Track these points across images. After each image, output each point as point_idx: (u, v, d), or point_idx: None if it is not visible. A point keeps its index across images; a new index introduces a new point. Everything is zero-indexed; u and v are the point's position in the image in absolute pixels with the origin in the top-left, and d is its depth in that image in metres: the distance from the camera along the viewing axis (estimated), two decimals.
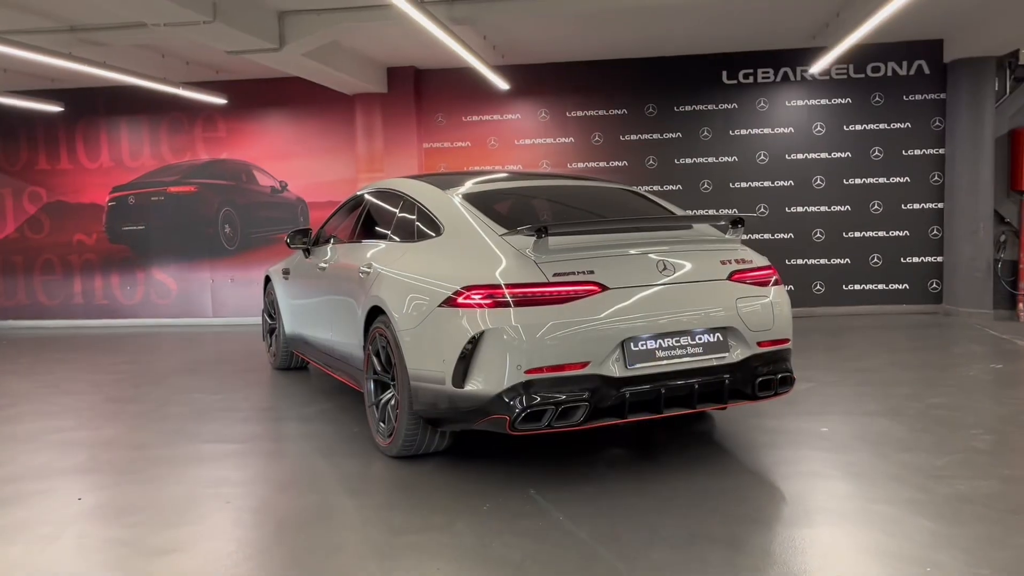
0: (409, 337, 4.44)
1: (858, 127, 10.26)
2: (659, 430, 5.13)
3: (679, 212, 5.18)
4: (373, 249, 5.39)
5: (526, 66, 10.56)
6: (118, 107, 11.36)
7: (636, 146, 10.59)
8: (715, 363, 4.24)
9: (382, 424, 4.83)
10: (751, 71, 10.31)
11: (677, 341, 4.18)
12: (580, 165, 10.69)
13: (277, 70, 9.74)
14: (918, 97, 10.14)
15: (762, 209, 10.40)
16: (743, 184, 10.47)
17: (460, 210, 4.70)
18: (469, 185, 5.13)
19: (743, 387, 4.34)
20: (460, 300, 4.09)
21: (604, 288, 4.08)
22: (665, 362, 4.13)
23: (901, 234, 10.33)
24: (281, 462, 4.80)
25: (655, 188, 10.55)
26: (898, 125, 10.20)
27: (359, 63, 9.69)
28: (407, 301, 4.53)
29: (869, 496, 3.91)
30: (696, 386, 4.18)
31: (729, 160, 10.47)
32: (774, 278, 4.61)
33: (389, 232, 5.34)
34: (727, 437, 4.99)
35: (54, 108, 10.87)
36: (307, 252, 6.70)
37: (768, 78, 10.31)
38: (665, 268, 4.25)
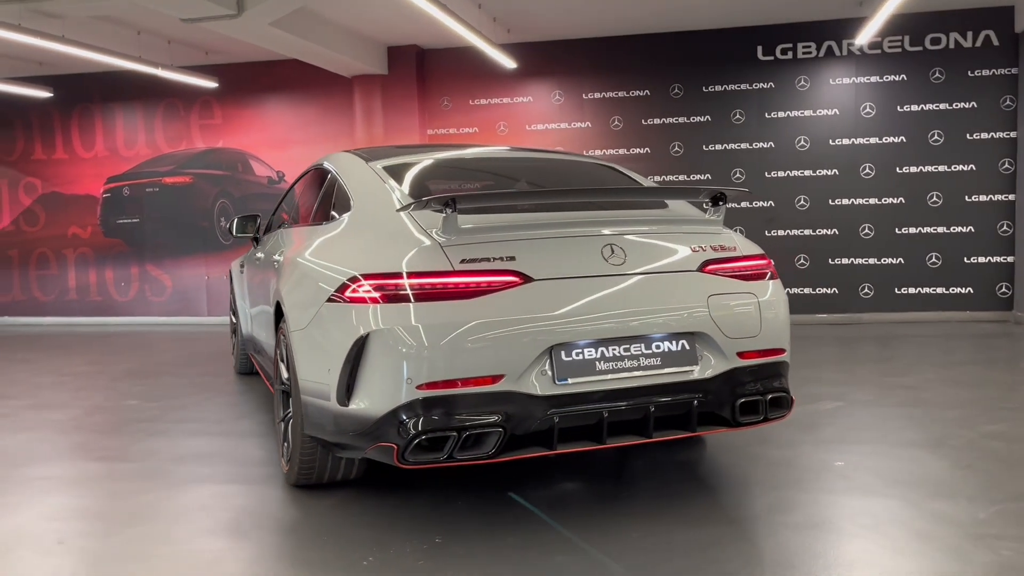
0: (299, 340, 3.55)
1: (914, 108, 9.01)
2: (635, 457, 4.13)
3: (646, 183, 4.14)
4: (289, 234, 4.55)
5: (536, 44, 9.61)
6: (112, 94, 10.81)
7: (660, 131, 9.53)
8: (678, 379, 3.23)
9: (284, 445, 3.95)
10: (790, 45, 9.16)
11: (626, 350, 3.18)
12: (597, 152, 9.68)
13: (270, 51, 9.01)
14: (985, 72, 8.86)
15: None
16: (780, 173, 9.32)
17: (373, 184, 3.79)
18: (403, 156, 4.22)
19: (719, 410, 3.33)
20: (348, 293, 3.17)
21: (527, 279, 3.12)
22: (609, 377, 3.14)
23: (964, 230, 9.04)
24: (164, 491, 3.95)
25: (681, 178, 9.48)
26: (961, 105, 8.92)
27: (352, 41, 8.89)
28: (300, 295, 3.65)
29: (881, 565, 2.85)
30: (652, 408, 3.19)
31: (765, 146, 9.33)
32: (768, 272, 3.57)
33: (312, 214, 4.48)
34: (717, 470, 3.97)
35: (42, 94, 10.36)
36: (256, 241, 5.91)
37: (809, 53, 9.14)
38: (614, 255, 3.26)
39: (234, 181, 10.53)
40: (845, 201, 9.23)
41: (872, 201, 9.18)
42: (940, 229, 9.08)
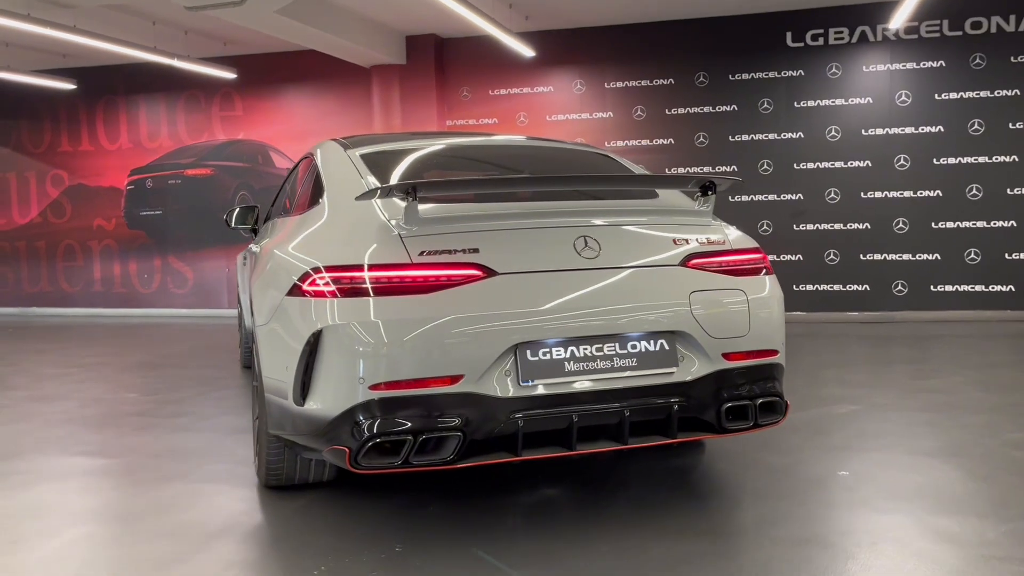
0: (262, 334, 3.40)
1: (953, 95, 8.57)
2: (629, 461, 3.90)
3: (636, 172, 3.89)
4: (274, 224, 4.42)
5: (556, 32, 9.36)
6: (136, 86, 10.84)
7: (684, 121, 9.22)
8: (656, 381, 2.99)
9: (256, 444, 3.81)
10: (821, 31, 8.78)
11: (598, 349, 2.96)
12: (619, 143, 9.40)
13: (287, 42, 8.91)
14: None
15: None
16: (810, 165, 8.95)
17: (347, 173, 3.60)
18: (385, 144, 4.03)
19: (702, 415, 3.08)
20: (307, 285, 3.00)
21: (490, 273, 2.91)
22: (579, 378, 2.92)
23: (1006, 225, 8.58)
24: (130, 488, 3.83)
25: (706, 169, 9.15)
26: (1004, 92, 8.45)
27: (370, 30, 8.74)
28: (265, 287, 3.50)
29: None
30: (627, 413, 2.96)
31: (794, 136, 8.96)
32: (761, 267, 3.31)
33: (295, 204, 4.32)
34: (709, 477, 3.72)
35: (66, 86, 10.41)
36: (254, 232, 5.79)
37: (842, 38, 8.75)
38: (587, 247, 3.03)
39: (255, 173, 10.48)
40: (878, 194, 8.83)
41: (907, 194, 8.76)
42: (979, 223, 8.62)
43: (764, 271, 3.31)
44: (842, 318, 8.92)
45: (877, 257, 8.87)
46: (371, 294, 2.85)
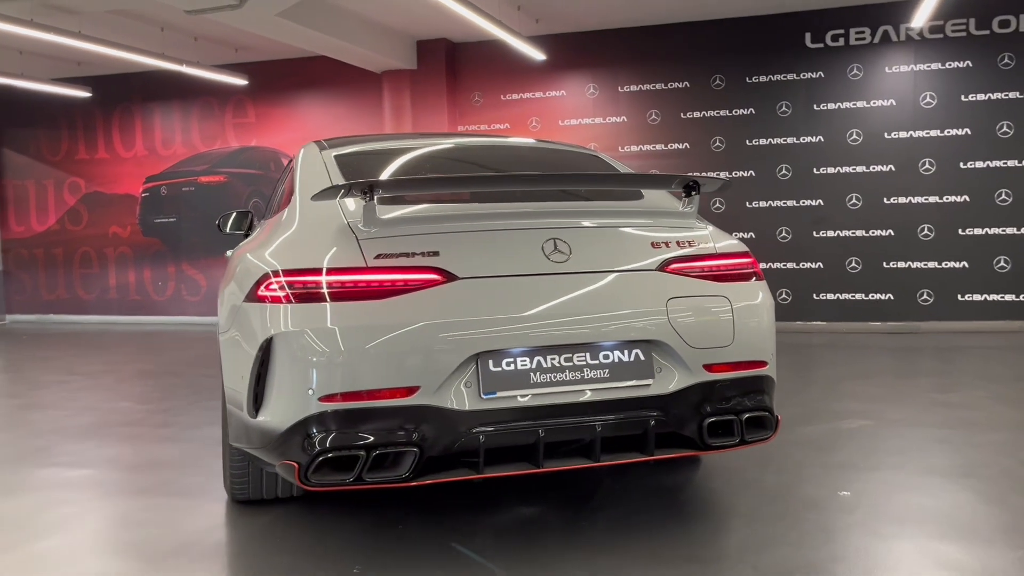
0: (223, 343, 3.25)
1: (980, 97, 8.23)
2: (619, 476, 3.69)
3: (623, 170, 3.67)
4: (256, 228, 4.27)
5: (568, 35, 9.17)
6: (150, 93, 10.84)
7: (700, 125, 8.97)
8: (631, 394, 2.79)
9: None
10: (841, 31, 8.49)
11: (567, 360, 2.76)
12: (633, 148, 9.18)
13: (298, 48, 8.83)
14: None
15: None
16: (830, 169, 8.65)
17: (318, 174, 3.44)
18: (363, 145, 3.88)
19: (682, 430, 2.87)
20: (262, 291, 2.84)
21: (451, 277, 2.72)
22: (547, 390, 2.72)
23: None
24: (95, 502, 3.70)
25: (722, 174, 8.89)
26: None
27: (379, 34, 8.63)
28: (228, 292, 3.34)
29: None
30: (599, 428, 2.75)
31: (813, 140, 8.68)
32: (749, 272, 3.08)
33: (274, 207, 4.18)
34: (699, 497, 3.49)
35: (81, 94, 10.44)
36: (247, 237, 5.66)
37: (863, 39, 8.46)
38: (557, 250, 2.84)
39: (267, 180, 10.42)
40: (902, 199, 8.50)
41: (932, 199, 8.43)
42: (1009, 230, 8.26)
43: (753, 277, 3.08)
44: (864, 328, 8.60)
45: (901, 265, 8.54)
46: (328, 299, 2.68)
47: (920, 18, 7.47)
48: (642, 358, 2.81)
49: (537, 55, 8.67)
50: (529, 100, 9.47)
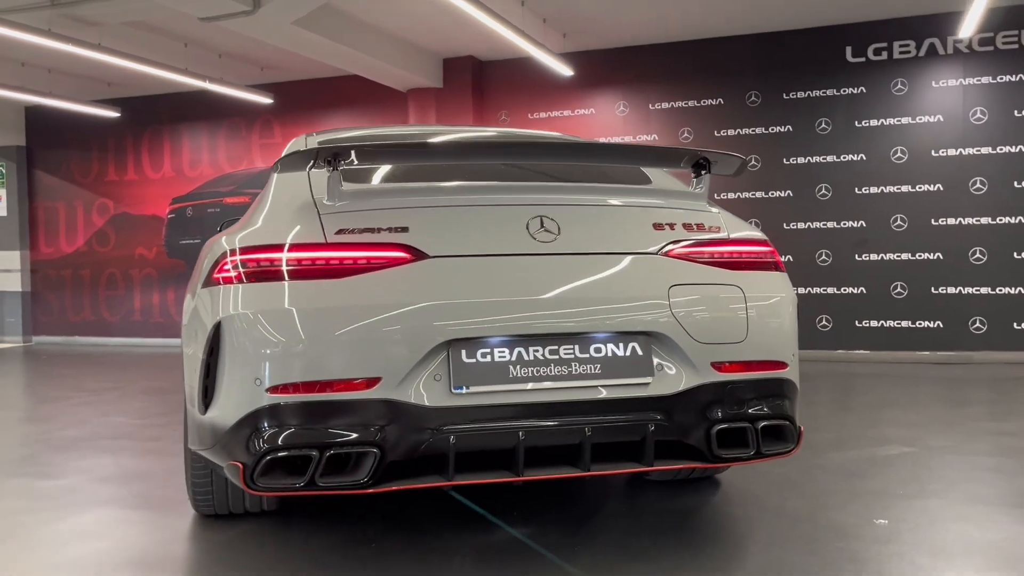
0: (183, 336, 2.97)
1: None
2: (621, 495, 3.30)
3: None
4: None
5: (598, 51, 8.93)
6: (178, 114, 10.85)
7: (735, 143, 8.61)
8: (626, 394, 2.43)
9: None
10: (884, 45, 8.11)
11: (552, 352, 2.41)
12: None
13: (324, 66, 8.73)
14: None
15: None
16: (873, 189, 8.21)
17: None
18: (350, 132, 3.63)
19: (687, 438, 2.49)
20: (217, 272, 2.55)
21: (420, 255, 2.41)
22: (528, 387, 2.38)
23: None
24: (52, 512, 3.41)
25: (758, 195, 8.50)
26: None
27: (403, 51, 8.48)
28: (191, 281, 3.07)
29: None
30: (588, 432, 2.39)
31: (855, 159, 8.26)
32: (767, 260, 2.72)
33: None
34: (715, 520, 3.09)
35: (110, 114, 10.47)
36: None
37: (908, 52, 8.06)
38: (543, 229, 2.51)
39: None
40: (951, 221, 8.01)
41: (984, 221, 7.92)
42: None
43: (772, 266, 2.71)
44: (911, 358, 8.06)
45: (951, 291, 8.01)
46: (284, 278, 2.38)
47: (967, 29, 7.07)
48: (639, 353, 2.45)
49: (565, 71, 8.43)
50: (557, 119, 9.22)
